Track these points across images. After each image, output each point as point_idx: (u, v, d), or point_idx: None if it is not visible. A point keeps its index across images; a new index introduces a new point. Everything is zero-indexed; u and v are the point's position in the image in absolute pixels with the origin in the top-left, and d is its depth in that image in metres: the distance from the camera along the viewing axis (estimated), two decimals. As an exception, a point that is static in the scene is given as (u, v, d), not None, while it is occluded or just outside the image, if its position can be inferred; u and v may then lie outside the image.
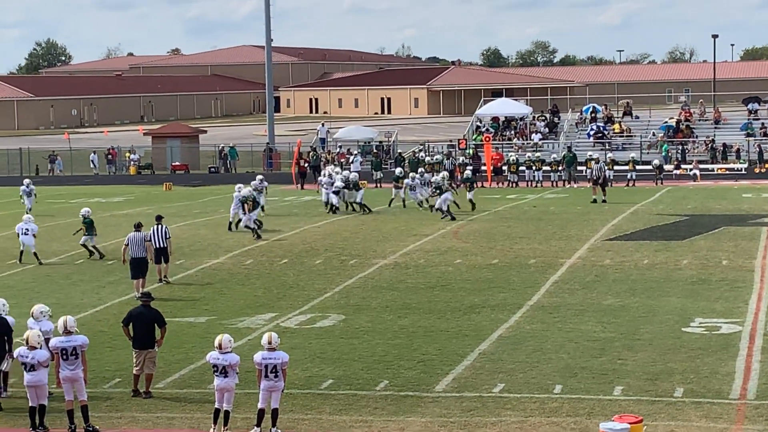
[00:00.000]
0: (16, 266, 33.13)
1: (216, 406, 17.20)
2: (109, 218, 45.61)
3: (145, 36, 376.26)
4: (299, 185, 60.04)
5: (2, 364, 18.79)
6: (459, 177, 45.97)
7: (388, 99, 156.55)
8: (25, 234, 33.74)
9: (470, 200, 45.50)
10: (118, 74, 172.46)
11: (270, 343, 17.01)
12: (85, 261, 33.94)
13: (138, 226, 28.66)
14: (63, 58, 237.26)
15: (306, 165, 63.14)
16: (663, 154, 65.36)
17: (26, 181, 48.42)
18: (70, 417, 17.32)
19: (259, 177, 45.47)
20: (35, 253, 33.69)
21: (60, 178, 71.58)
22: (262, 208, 43.69)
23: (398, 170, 49.49)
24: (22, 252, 33.82)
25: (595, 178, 48.76)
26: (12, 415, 18.14)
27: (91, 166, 76.35)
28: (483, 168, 60.35)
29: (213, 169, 74.04)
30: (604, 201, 47.42)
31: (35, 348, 17.42)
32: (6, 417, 18.09)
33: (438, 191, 42.89)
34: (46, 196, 55.33)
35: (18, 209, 46.06)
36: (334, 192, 45.40)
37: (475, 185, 47.33)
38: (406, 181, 47.42)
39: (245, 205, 38.38)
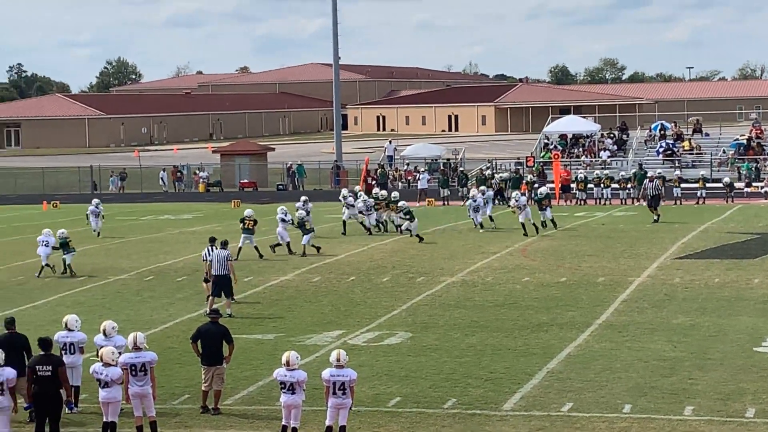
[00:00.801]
0: (86, 283, 33.48)
1: (283, 422, 17.25)
2: (179, 235, 45.99)
3: (213, 54, 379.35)
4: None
5: None
6: (523, 194, 45.17)
7: (456, 116, 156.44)
8: (45, 246, 34.90)
9: (551, 220, 44.02)
10: (187, 92, 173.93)
11: (338, 360, 17.04)
12: (154, 278, 34.26)
13: (224, 244, 28.57)
14: (133, 77, 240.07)
15: (373, 182, 63.28)
16: (744, 171, 64.35)
17: (95, 201, 46.82)
18: (140, 433, 17.48)
19: (303, 198, 43.58)
20: (47, 264, 34.66)
21: (130, 196, 72.27)
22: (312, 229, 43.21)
23: (473, 192, 49.01)
24: (44, 266, 34.78)
25: (650, 197, 47.73)
26: (82, 431, 18.30)
27: (161, 183, 77.08)
28: (551, 185, 59.99)
29: (281, 187, 74.36)
30: (655, 221, 45.89)
31: (110, 365, 17.49)
32: (76, 432, 18.26)
33: (408, 216, 42.29)
34: (115, 213, 55.86)
35: (85, 226, 46.35)
36: (365, 213, 44.44)
37: (551, 202, 46.06)
38: (468, 201, 46.40)
39: (245, 222, 37.88)
